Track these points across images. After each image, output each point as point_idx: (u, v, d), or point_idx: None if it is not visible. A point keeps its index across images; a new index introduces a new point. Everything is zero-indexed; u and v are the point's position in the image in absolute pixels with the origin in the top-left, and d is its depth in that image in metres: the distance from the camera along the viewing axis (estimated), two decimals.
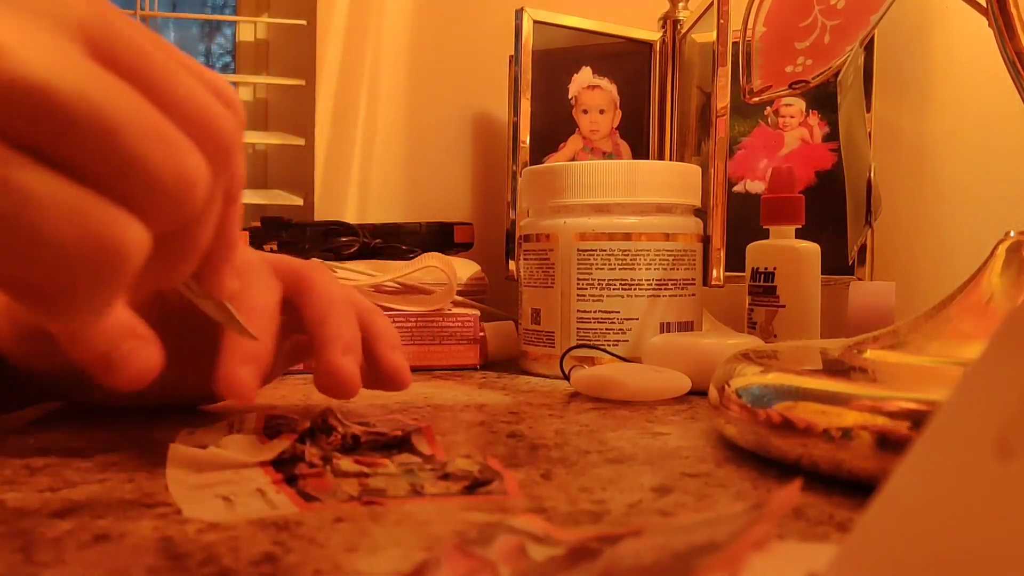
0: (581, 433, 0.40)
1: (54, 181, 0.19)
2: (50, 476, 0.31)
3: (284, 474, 0.30)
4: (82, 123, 0.19)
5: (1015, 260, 0.37)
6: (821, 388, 0.32)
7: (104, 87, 0.19)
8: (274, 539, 0.24)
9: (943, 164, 0.77)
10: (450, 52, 0.87)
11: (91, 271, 0.19)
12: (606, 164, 0.59)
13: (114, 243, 0.19)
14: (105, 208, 0.19)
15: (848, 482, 0.30)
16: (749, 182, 0.78)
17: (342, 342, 0.34)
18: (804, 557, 0.18)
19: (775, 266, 0.61)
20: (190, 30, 0.97)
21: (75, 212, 0.19)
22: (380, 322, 0.38)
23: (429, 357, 0.61)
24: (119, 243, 0.19)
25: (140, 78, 0.20)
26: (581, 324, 0.57)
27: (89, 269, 0.19)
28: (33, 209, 0.18)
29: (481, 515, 0.27)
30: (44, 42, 0.19)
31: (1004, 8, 0.41)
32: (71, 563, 0.22)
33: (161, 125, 0.20)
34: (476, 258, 0.72)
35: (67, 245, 0.19)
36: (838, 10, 0.52)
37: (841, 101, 0.56)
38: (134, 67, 0.20)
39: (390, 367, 0.37)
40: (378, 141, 0.85)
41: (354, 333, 0.35)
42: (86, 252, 0.19)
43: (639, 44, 0.78)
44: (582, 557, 0.20)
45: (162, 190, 0.20)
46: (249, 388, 0.32)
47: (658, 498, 0.29)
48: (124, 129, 0.19)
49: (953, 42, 0.76)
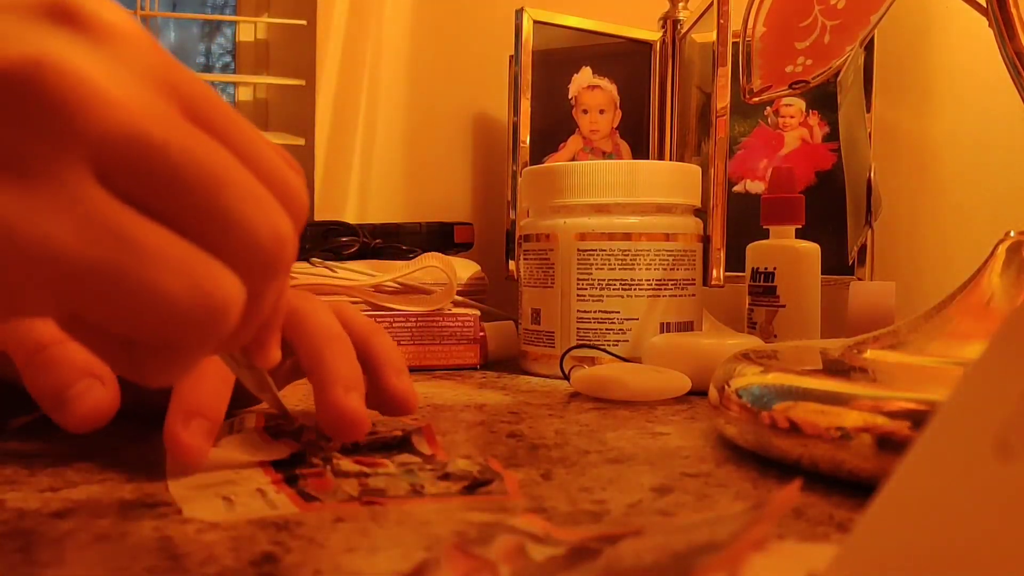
0: (581, 433, 0.40)
1: (165, 235, 0.19)
2: (50, 476, 0.31)
3: (284, 474, 0.30)
4: (190, 179, 0.19)
5: (1015, 260, 0.37)
6: (821, 388, 0.32)
7: (205, 146, 0.20)
8: (274, 539, 0.24)
9: (943, 164, 0.77)
10: (450, 52, 0.87)
11: (195, 327, 0.19)
12: (606, 164, 0.59)
13: (220, 299, 0.19)
14: (211, 263, 0.19)
15: (848, 482, 0.30)
16: (749, 182, 0.78)
17: (343, 381, 0.33)
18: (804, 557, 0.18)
19: (775, 266, 0.61)
20: (190, 30, 0.97)
21: (184, 266, 0.19)
22: (382, 344, 0.37)
23: (429, 357, 0.61)
24: (224, 299, 0.19)
25: (229, 140, 0.20)
26: (581, 324, 0.57)
27: (194, 325, 0.19)
28: (146, 261, 0.18)
29: (481, 515, 0.27)
30: (151, 101, 0.19)
31: (1004, 8, 0.41)
32: (71, 563, 0.23)
33: (257, 185, 0.20)
34: (476, 258, 0.72)
35: (176, 299, 0.19)
36: (838, 10, 0.52)
37: (841, 101, 0.56)
38: (220, 126, 0.21)
39: (397, 394, 0.36)
40: (378, 141, 0.85)
41: (354, 369, 0.34)
42: (194, 307, 0.19)
43: (639, 44, 0.78)
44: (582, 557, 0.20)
45: (260, 249, 0.20)
46: (195, 449, 0.30)
47: (658, 498, 0.29)
48: (227, 186, 0.19)
49: (953, 42, 0.76)
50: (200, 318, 0.19)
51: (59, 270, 0.18)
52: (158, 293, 0.18)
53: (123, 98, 0.19)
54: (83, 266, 0.18)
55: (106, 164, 0.19)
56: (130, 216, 0.19)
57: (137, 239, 0.19)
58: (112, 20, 0.20)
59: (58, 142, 0.18)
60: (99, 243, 0.18)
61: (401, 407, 0.36)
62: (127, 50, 0.20)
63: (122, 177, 0.19)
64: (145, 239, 0.19)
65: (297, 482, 0.29)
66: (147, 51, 0.20)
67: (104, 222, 0.18)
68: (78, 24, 0.20)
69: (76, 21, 0.20)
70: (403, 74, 0.85)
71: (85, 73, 0.19)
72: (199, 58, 0.99)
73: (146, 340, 0.20)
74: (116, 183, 0.19)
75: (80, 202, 0.18)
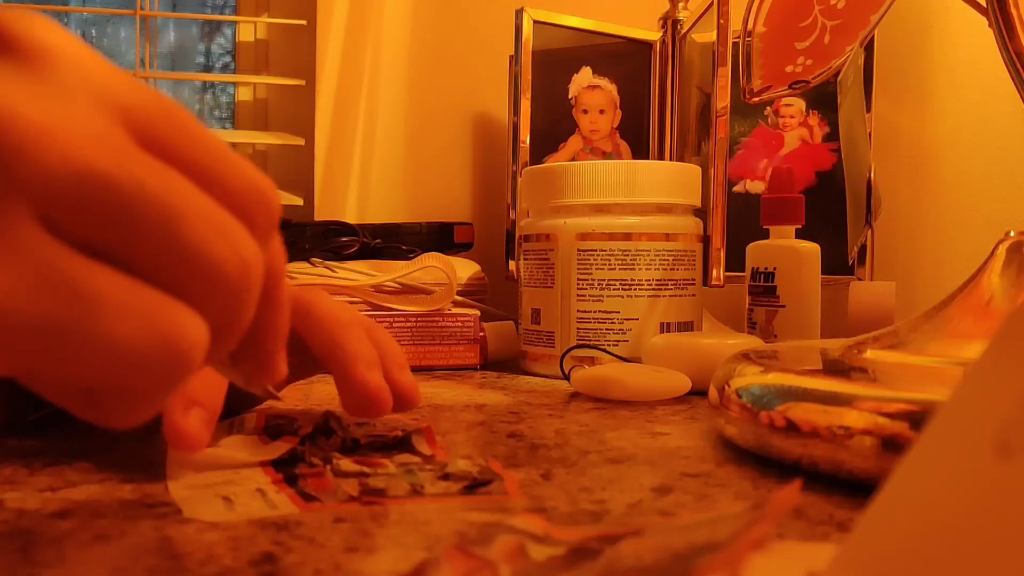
0: (581, 433, 0.40)
1: (117, 280, 0.18)
2: (50, 476, 0.31)
3: (284, 474, 0.30)
4: (144, 215, 0.18)
5: (1015, 260, 0.37)
6: (821, 388, 0.32)
7: (160, 176, 0.18)
8: (274, 539, 0.24)
9: (943, 164, 0.77)
10: (450, 52, 0.87)
11: (154, 372, 0.18)
12: (606, 164, 0.59)
13: (179, 342, 0.18)
14: (168, 305, 0.18)
15: (848, 482, 0.30)
16: (749, 182, 0.78)
17: (363, 359, 0.33)
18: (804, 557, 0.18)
19: (775, 266, 0.61)
20: (190, 30, 0.97)
21: (140, 312, 0.18)
22: (383, 339, 0.37)
23: (429, 357, 0.61)
24: (184, 342, 0.18)
25: (186, 162, 0.19)
26: (581, 324, 0.57)
27: (152, 370, 0.18)
28: (102, 313, 0.17)
29: (481, 515, 0.27)
30: (97, 131, 0.18)
31: (1004, 8, 0.41)
32: (71, 563, 0.23)
33: (217, 212, 0.19)
34: (476, 258, 0.72)
35: (134, 349, 0.17)
36: (838, 10, 0.52)
37: (841, 101, 0.56)
38: (179, 151, 0.19)
39: (402, 388, 0.36)
40: (378, 141, 0.85)
41: (371, 349, 0.34)
42: (153, 353, 0.18)
43: (639, 44, 0.78)
44: (582, 557, 0.20)
45: (222, 281, 0.19)
46: (195, 437, 0.29)
47: (658, 498, 0.29)
48: (184, 219, 0.18)
49: (953, 42, 0.76)
50: (159, 364, 0.18)
51: (8, 330, 0.17)
52: (115, 344, 0.17)
53: (64, 132, 0.17)
54: (30, 323, 0.17)
55: (51, 207, 0.17)
56: (80, 263, 0.17)
57: (89, 289, 0.17)
58: (50, 43, 0.18)
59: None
60: (49, 297, 0.17)
61: (405, 402, 0.36)
62: (69, 74, 0.18)
63: (69, 219, 0.17)
64: (95, 286, 0.17)
65: (297, 482, 0.29)
66: (92, 73, 0.19)
67: (53, 274, 0.17)
68: (11, 51, 0.18)
69: (9, 48, 0.18)
70: (403, 74, 0.85)
71: (19, 108, 0.17)
72: (199, 58, 0.99)
73: (106, 390, 0.19)
74: (63, 226, 0.17)
75: (23, 253, 0.17)
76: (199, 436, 0.30)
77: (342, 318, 0.35)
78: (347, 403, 0.33)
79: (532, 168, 0.63)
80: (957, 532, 0.14)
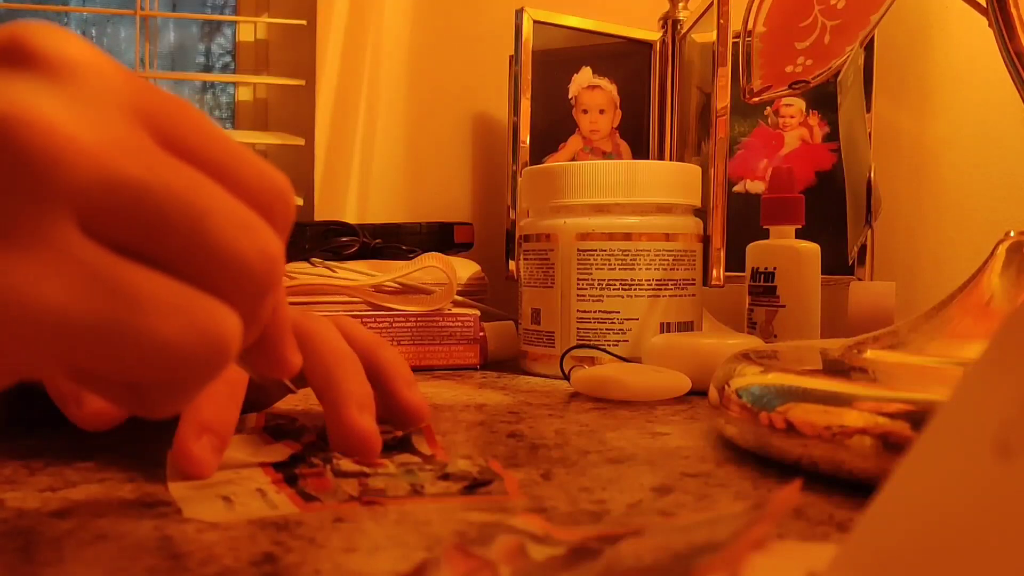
0: (581, 433, 0.40)
1: (158, 279, 0.18)
2: (50, 476, 0.31)
3: (284, 474, 0.30)
4: (174, 216, 0.18)
5: (1015, 260, 0.37)
6: (821, 388, 0.32)
7: (185, 177, 0.19)
8: (274, 539, 0.24)
9: (943, 164, 0.77)
10: (450, 52, 0.87)
11: (197, 367, 0.19)
12: (606, 164, 0.59)
13: (220, 337, 0.19)
14: (206, 301, 0.19)
15: (848, 482, 0.30)
16: (749, 182, 0.78)
17: (355, 399, 0.33)
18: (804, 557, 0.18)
19: (775, 266, 0.61)
20: (190, 30, 0.97)
21: (181, 309, 0.18)
22: (389, 357, 0.36)
23: (429, 357, 0.61)
24: (224, 336, 0.19)
25: (208, 162, 0.20)
26: (581, 324, 0.57)
27: (195, 365, 0.19)
28: (143, 311, 0.18)
29: (481, 515, 0.27)
30: (124, 137, 0.19)
31: (1004, 8, 0.41)
32: (71, 563, 0.23)
33: (240, 208, 0.20)
34: (476, 258, 0.72)
35: (177, 344, 0.18)
36: (838, 10, 0.52)
37: (841, 101, 0.56)
38: (200, 152, 0.20)
39: (410, 406, 0.36)
40: (378, 141, 0.85)
41: (365, 388, 0.34)
42: (196, 349, 0.19)
43: (639, 44, 0.78)
44: (582, 557, 0.20)
45: (250, 275, 0.20)
46: (205, 463, 0.30)
47: (658, 498, 0.29)
48: (211, 218, 0.19)
49: (953, 42, 0.76)
50: (202, 358, 0.19)
51: (57, 331, 0.18)
52: (158, 341, 0.18)
53: (96, 141, 0.18)
54: (81, 324, 0.18)
55: (88, 213, 0.18)
56: (121, 265, 0.18)
57: (131, 288, 0.18)
58: (70, 54, 0.19)
59: (37, 200, 0.17)
60: (94, 298, 0.18)
61: (413, 418, 0.36)
62: (91, 83, 0.19)
63: (106, 224, 0.18)
64: (139, 287, 0.18)
65: (297, 482, 0.29)
66: (112, 80, 0.19)
67: (96, 276, 0.18)
68: (36, 65, 0.19)
69: (33, 62, 0.19)
70: (403, 74, 0.85)
71: (53, 121, 0.18)
72: (199, 58, 0.99)
73: (148, 385, 0.20)
74: (100, 231, 0.18)
75: (70, 259, 0.18)
76: (208, 463, 0.30)
77: (338, 352, 0.34)
78: (335, 442, 0.33)
79: (532, 168, 0.63)
80: (957, 532, 0.14)
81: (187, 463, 0.29)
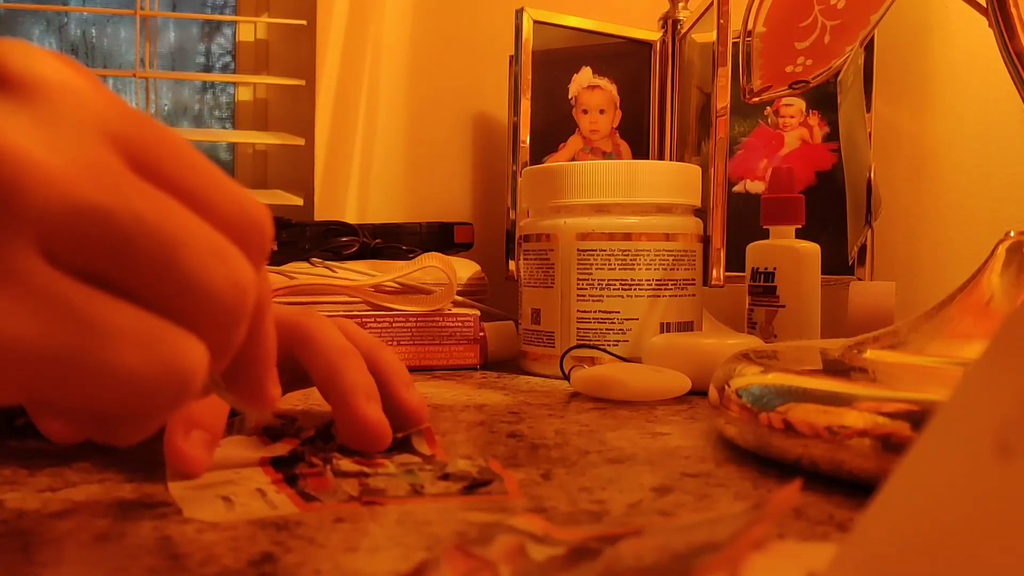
0: (581, 433, 0.40)
1: (122, 309, 0.18)
2: (50, 476, 0.31)
3: (284, 474, 0.30)
4: (142, 245, 0.18)
5: (1015, 260, 0.37)
6: (821, 388, 0.32)
7: (156, 205, 0.18)
8: (274, 539, 0.24)
9: (943, 164, 0.77)
10: (450, 52, 0.87)
11: (159, 398, 0.19)
12: (606, 164, 0.59)
13: (182, 368, 0.19)
14: (170, 332, 0.19)
15: (848, 482, 0.30)
16: (749, 182, 0.78)
17: (362, 391, 0.33)
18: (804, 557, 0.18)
19: (775, 266, 0.61)
20: (190, 30, 0.97)
21: (145, 340, 0.18)
22: (388, 359, 0.37)
23: (429, 357, 0.61)
24: (186, 368, 0.19)
25: (182, 189, 0.20)
26: (581, 324, 0.57)
27: (157, 396, 0.18)
28: (108, 342, 0.18)
29: (481, 515, 0.27)
30: (93, 162, 0.18)
31: (1004, 8, 0.41)
32: (71, 563, 0.23)
33: (212, 237, 0.19)
34: (476, 258, 0.72)
35: (139, 375, 0.18)
36: (838, 10, 0.52)
37: (841, 101, 0.56)
38: (175, 178, 0.20)
39: (409, 407, 0.36)
40: (378, 141, 0.85)
41: (369, 380, 0.34)
42: (158, 381, 0.18)
43: (639, 44, 0.78)
44: (582, 557, 0.20)
45: (220, 305, 0.19)
46: (197, 460, 0.29)
47: (658, 498, 0.29)
48: (182, 247, 0.19)
49: (953, 42, 0.76)
50: (164, 390, 0.18)
51: (17, 361, 0.17)
52: (121, 372, 0.18)
53: (61, 166, 0.17)
54: (42, 354, 0.17)
55: (52, 240, 0.17)
56: (84, 294, 0.18)
57: (94, 318, 0.18)
58: (43, 74, 0.19)
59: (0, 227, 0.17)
60: (56, 328, 0.17)
61: (412, 420, 0.36)
62: (63, 106, 0.18)
63: (70, 251, 0.18)
64: (102, 317, 0.18)
65: (297, 482, 0.29)
66: (87, 102, 0.19)
67: (59, 305, 0.17)
68: (5, 86, 0.18)
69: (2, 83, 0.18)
70: (403, 74, 0.85)
71: (18, 145, 0.17)
72: (199, 58, 0.99)
73: (111, 414, 0.19)
74: (65, 258, 0.18)
75: (32, 287, 0.17)
76: (200, 458, 0.30)
77: (342, 347, 0.34)
78: (344, 435, 0.33)
79: (532, 168, 0.63)
80: (957, 532, 0.14)
81: (178, 460, 0.29)
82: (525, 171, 0.64)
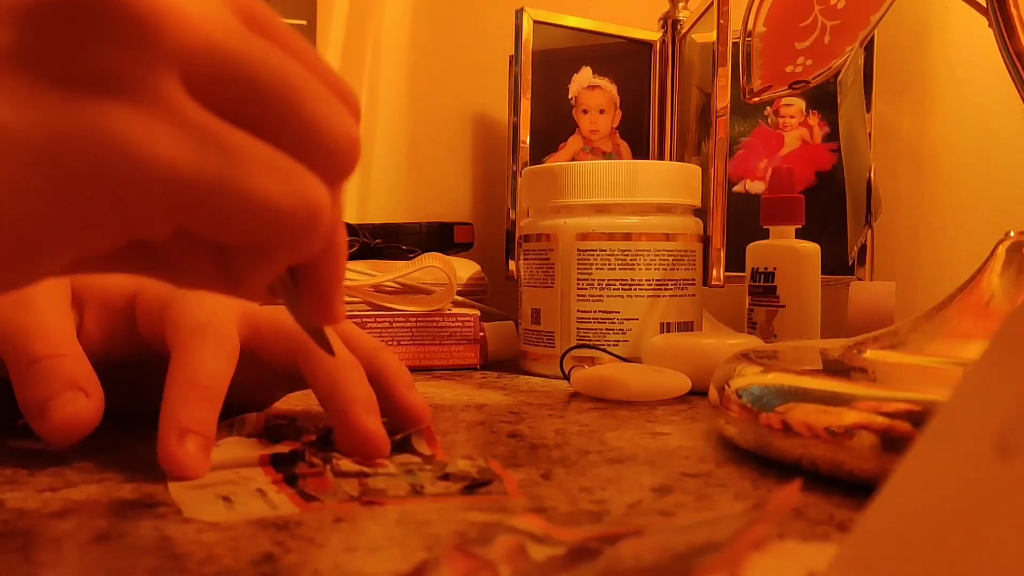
0: (581, 433, 0.40)
1: (259, 143, 0.19)
2: (49, 476, 0.31)
3: (284, 474, 0.30)
4: (270, 87, 0.20)
5: (1015, 260, 0.37)
6: (821, 388, 0.32)
7: (278, 55, 0.20)
8: (274, 539, 0.24)
9: (943, 164, 0.77)
10: (450, 52, 0.87)
11: (295, 229, 0.20)
12: (606, 164, 0.59)
13: (316, 202, 0.20)
14: (300, 167, 0.20)
15: (848, 482, 0.30)
16: (749, 182, 0.78)
17: (361, 402, 0.33)
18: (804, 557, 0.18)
19: (775, 266, 0.61)
20: None
21: (281, 171, 0.19)
22: (389, 361, 0.37)
23: (429, 357, 0.61)
24: (319, 202, 0.20)
25: (290, 50, 0.21)
26: (581, 324, 0.57)
27: (294, 227, 0.20)
28: (248, 169, 0.19)
29: (481, 515, 0.27)
30: (222, 16, 0.20)
31: (1004, 8, 0.41)
32: (71, 563, 0.23)
33: (326, 92, 0.21)
34: (476, 258, 0.72)
35: (278, 204, 0.19)
36: (838, 10, 0.52)
37: (841, 101, 0.56)
38: (283, 41, 0.21)
39: (411, 408, 0.36)
40: (378, 141, 0.85)
41: (369, 392, 0.34)
42: (294, 210, 0.19)
43: (639, 44, 0.78)
44: (582, 557, 0.20)
45: (337, 150, 0.21)
46: (192, 463, 0.30)
47: (658, 498, 0.29)
48: (302, 92, 0.20)
49: (953, 42, 0.76)
50: (299, 221, 0.20)
51: (170, 184, 0.18)
52: (262, 199, 0.19)
53: (199, 13, 0.19)
54: (193, 178, 0.19)
55: (192, 77, 0.19)
56: (226, 127, 0.19)
57: (237, 148, 0.19)
58: None
59: (149, 58, 0.19)
60: (201, 154, 0.19)
61: (414, 421, 0.36)
62: None
63: (208, 90, 0.19)
64: (244, 148, 0.19)
65: (297, 482, 0.29)
66: None
67: (206, 134, 0.19)
68: None
69: None
70: (403, 74, 0.85)
71: None
72: None
73: (246, 246, 0.20)
74: (202, 95, 0.19)
75: (181, 115, 0.19)
76: (197, 463, 0.30)
77: (342, 359, 0.34)
78: (343, 445, 0.33)
79: (532, 168, 0.63)
80: (957, 532, 0.14)
81: (175, 466, 0.29)
82: (525, 171, 0.64)
